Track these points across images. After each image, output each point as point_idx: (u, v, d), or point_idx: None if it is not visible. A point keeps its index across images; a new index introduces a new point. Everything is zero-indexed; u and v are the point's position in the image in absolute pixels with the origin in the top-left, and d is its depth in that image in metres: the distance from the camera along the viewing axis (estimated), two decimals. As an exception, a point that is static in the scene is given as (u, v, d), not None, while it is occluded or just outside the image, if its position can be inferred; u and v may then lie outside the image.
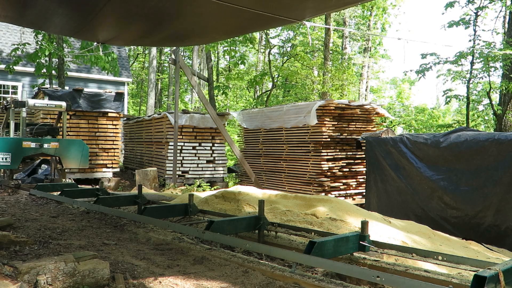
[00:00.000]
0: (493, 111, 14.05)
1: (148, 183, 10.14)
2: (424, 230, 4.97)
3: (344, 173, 10.00)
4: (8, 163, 6.86)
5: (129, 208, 5.32)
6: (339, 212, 4.57)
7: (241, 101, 31.62)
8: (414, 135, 7.74)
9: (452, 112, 30.97)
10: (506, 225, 6.12)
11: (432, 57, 14.71)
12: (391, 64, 69.23)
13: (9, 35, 17.73)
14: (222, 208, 5.01)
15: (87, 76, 18.49)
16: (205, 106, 11.33)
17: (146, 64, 33.19)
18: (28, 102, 7.62)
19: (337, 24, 25.17)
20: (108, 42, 5.95)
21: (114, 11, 4.33)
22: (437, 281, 2.57)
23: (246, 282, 2.51)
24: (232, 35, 8.62)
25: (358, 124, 10.24)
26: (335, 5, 4.15)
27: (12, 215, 4.51)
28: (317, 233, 3.58)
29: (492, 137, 6.43)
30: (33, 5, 4.45)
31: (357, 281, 2.75)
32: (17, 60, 12.66)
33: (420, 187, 7.30)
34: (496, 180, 6.28)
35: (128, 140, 15.10)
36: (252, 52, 32.26)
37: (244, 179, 12.42)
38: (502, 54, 12.65)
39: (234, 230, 3.64)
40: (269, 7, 3.96)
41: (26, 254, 2.85)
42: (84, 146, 7.75)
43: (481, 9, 14.33)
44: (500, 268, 2.17)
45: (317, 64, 22.31)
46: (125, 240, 3.53)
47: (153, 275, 2.56)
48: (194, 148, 11.31)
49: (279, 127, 10.97)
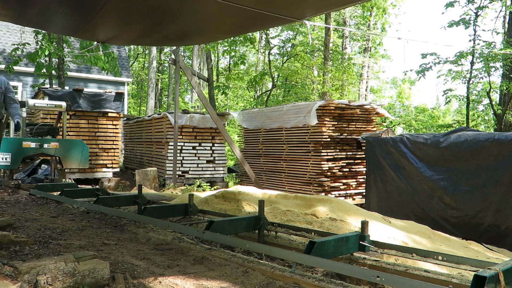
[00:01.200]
0: (493, 111, 14.05)
1: (148, 183, 10.14)
2: (424, 230, 4.97)
3: (344, 173, 10.00)
4: (8, 163, 6.85)
5: (129, 208, 5.32)
6: (339, 212, 4.57)
7: (241, 101, 31.63)
8: (414, 135, 7.74)
9: (452, 112, 30.96)
10: (506, 225, 6.12)
11: (432, 57, 14.72)
12: (391, 64, 69.21)
13: (9, 35, 17.73)
14: (222, 208, 5.01)
15: (87, 76, 18.50)
16: (205, 106, 11.33)
17: (146, 64, 33.18)
18: (28, 102, 7.62)
19: (337, 24, 25.16)
20: (108, 41, 5.96)
21: (114, 10, 4.33)
22: (437, 281, 2.57)
23: (246, 282, 2.51)
24: (233, 35, 8.63)
25: (358, 124, 10.24)
26: (336, 4, 4.15)
27: (12, 215, 4.50)
28: (317, 233, 3.58)
29: (492, 137, 6.43)
30: (33, 4, 4.45)
31: (357, 281, 2.75)
32: (17, 60, 12.65)
33: (420, 187, 7.30)
34: (496, 180, 6.28)
35: (128, 140, 15.10)
36: (252, 52, 32.26)
37: (244, 179, 12.42)
38: (502, 54, 12.66)
39: (234, 230, 3.64)
40: (270, 6, 3.95)
41: (26, 254, 2.84)
42: (84, 146, 7.75)
43: (481, 9, 14.33)
44: (500, 268, 2.17)
45: (317, 64, 22.32)
46: (125, 240, 3.53)
47: (153, 275, 2.56)
48: (194, 148, 11.31)
49: (279, 127, 10.97)
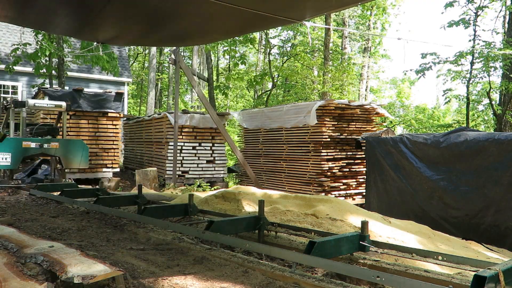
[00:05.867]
0: (493, 111, 14.05)
1: (148, 183, 10.14)
2: (424, 230, 4.97)
3: (344, 173, 10.00)
4: (8, 163, 6.86)
5: (129, 208, 5.31)
6: (339, 212, 4.57)
7: (241, 101, 31.63)
8: (414, 135, 7.74)
9: (452, 112, 30.93)
10: (506, 225, 6.13)
11: (432, 56, 14.72)
12: (391, 64, 69.18)
13: (9, 35, 17.73)
14: (222, 208, 5.01)
15: (88, 76, 18.50)
16: (205, 107, 11.33)
17: (146, 64, 33.19)
18: (28, 102, 7.62)
19: (337, 24, 25.16)
20: (108, 42, 5.96)
21: (115, 11, 4.33)
22: (437, 281, 2.57)
23: (246, 282, 2.51)
24: (233, 35, 8.63)
25: (358, 124, 10.24)
26: (335, 5, 4.16)
27: (12, 215, 4.51)
28: (317, 233, 3.58)
29: (492, 137, 6.43)
30: (33, 5, 4.45)
31: (357, 281, 2.75)
32: (17, 60, 12.64)
33: (420, 187, 7.30)
34: (496, 180, 6.29)
35: (128, 140, 15.10)
36: (252, 52, 32.27)
37: (244, 179, 12.42)
38: (502, 54, 12.66)
39: (234, 230, 3.64)
40: (269, 7, 3.96)
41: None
42: (84, 146, 7.75)
43: (481, 9, 14.33)
44: (500, 268, 2.17)
45: (317, 64, 22.32)
46: (125, 240, 3.53)
47: (153, 275, 2.56)
48: (194, 148, 11.31)
49: (279, 127, 10.97)
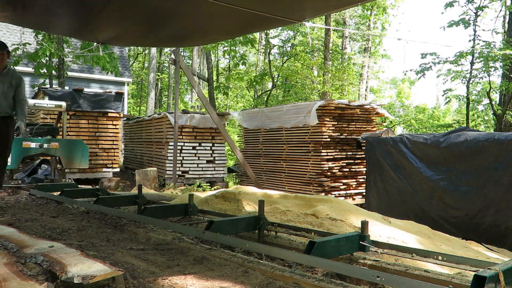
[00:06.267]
0: (493, 111, 14.05)
1: (148, 183, 10.14)
2: (424, 230, 4.98)
3: (344, 173, 10.00)
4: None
5: (129, 208, 5.32)
6: (339, 212, 4.57)
7: (241, 101, 31.62)
8: (414, 135, 7.74)
9: (452, 112, 30.90)
10: (506, 225, 6.13)
11: (432, 57, 14.71)
12: (391, 64, 69.04)
13: (9, 35, 17.72)
14: (222, 208, 5.01)
15: (89, 76, 18.49)
16: (205, 107, 11.33)
17: (146, 64, 33.19)
18: (28, 102, 7.61)
19: (337, 24, 25.15)
20: (108, 42, 5.97)
21: (114, 11, 4.33)
22: (437, 281, 2.57)
23: (246, 282, 2.51)
24: (232, 36, 8.63)
25: (358, 124, 10.24)
26: (335, 6, 4.16)
27: (12, 215, 4.51)
28: (317, 233, 3.58)
29: (492, 137, 6.44)
30: (33, 5, 4.45)
31: (357, 281, 2.75)
32: (17, 60, 12.64)
33: (420, 187, 7.30)
34: (496, 180, 6.29)
35: (128, 140, 15.10)
36: (252, 52, 32.25)
37: (244, 179, 12.42)
38: (502, 54, 12.65)
39: (234, 230, 3.64)
40: (269, 8, 3.96)
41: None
42: (84, 146, 7.75)
43: (481, 9, 14.32)
44: (500, 268, 2.17)
45: (317, 64, 22.31)
46: (125, 240, 3.53)
47: (153, 275, 2.56)
48: (194, 148, 11.31)
49: (279, 127, 10.97)
